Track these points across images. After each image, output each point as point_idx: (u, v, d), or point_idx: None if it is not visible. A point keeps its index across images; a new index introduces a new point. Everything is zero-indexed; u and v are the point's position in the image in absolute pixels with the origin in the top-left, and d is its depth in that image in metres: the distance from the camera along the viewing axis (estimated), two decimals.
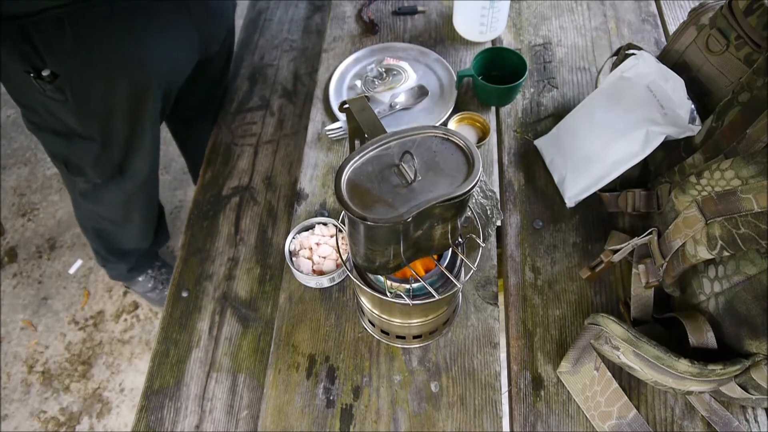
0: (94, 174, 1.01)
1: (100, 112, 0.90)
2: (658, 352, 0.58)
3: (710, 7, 0.77)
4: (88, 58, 0.80)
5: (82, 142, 0.93)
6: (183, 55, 0.94)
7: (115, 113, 0.91)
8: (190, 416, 0.79)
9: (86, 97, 0.85)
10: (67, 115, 0.88)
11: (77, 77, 0.82)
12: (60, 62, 0.79)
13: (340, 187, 0.48)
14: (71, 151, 0.96)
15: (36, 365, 1.51)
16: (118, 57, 0.83)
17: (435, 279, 0.62)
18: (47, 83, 0.81)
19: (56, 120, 0.90)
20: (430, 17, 1.11)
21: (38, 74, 0.79)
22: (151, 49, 0.86)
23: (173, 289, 0.92)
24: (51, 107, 0.87)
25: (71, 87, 0.82)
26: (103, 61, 0.82)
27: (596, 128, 0.80)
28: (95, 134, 0.93)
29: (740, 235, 0.55)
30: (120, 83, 0.87)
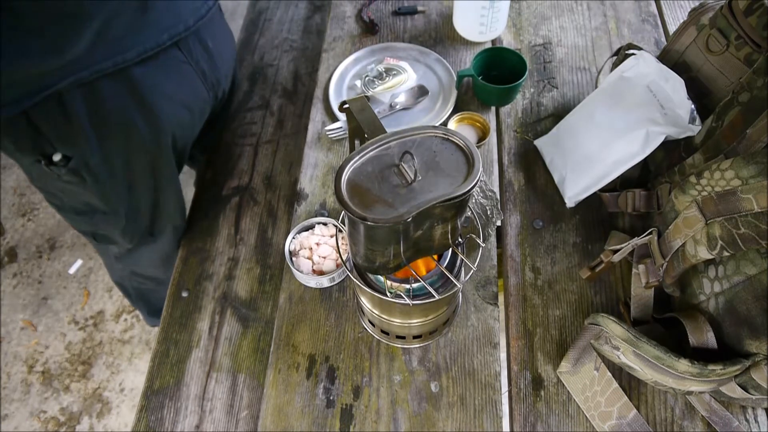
0: (124, 242, 0.97)
1: (121, 187, 0.85)
2: (658, 352, 0.58)
3: (710, 7, 0.77)
4: (100, 134, 0.75)
5: (106, 217, 0.89)
6: (196, 108, 0.89)
7: (136, 183, 0.87)
8: (190, 416, 0.79)
9: (104, 174, 0.80)
10: (87, 196, 0.84)
11: (92, 156, 0.77)
12: (71, 144, 0.74)
13: (340, 187, 0.48)
14: (97, 226, 0.92)
15: (36, 365, 1.51)
16: (132, 125, 0.78)
17: (435, 279, 0.62)
18: (61, 167, 0.76)
19: (77, 200, 0.86)
20: (430, 17, 1.11)
21: (49, 160, 0.75)
22: (164, 109, 0.80)
23: (173, 289, 0.92)
24: (69, 190, 0.83)
25: (87, 167, 0.77)
26: (117, 134, 0.77)
27: (596, 128, 0.80)
28: (119, 208, 0.88)
29: (740, 235, 0.55)
30: (137, 152, 0.82)
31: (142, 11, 0.70)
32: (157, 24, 0.73)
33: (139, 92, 0.75)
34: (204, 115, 0.94)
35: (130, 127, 0.77)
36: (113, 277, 1.26)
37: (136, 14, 0.70)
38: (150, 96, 0.76)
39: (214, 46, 0.86)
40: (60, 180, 0.79)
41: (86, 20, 0.65)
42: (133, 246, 1.00)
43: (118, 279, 1.26)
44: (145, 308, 1.35)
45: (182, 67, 0.81)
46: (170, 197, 0.95)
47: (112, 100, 0.73)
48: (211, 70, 0.87)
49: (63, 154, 0.75)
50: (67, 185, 0.81)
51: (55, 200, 0.88)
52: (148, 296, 1.29)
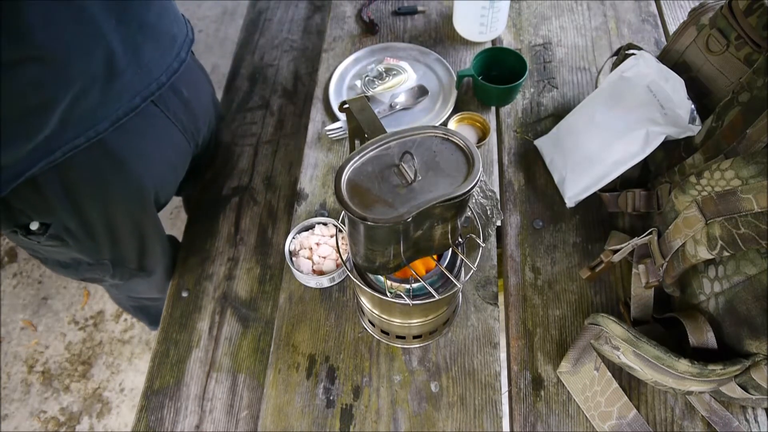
0: (114, 281, 0.95)
1: (105, 243, 0.82)
2: (658, 352, 0.58)
3: (710, 7, 0.77)
4: (78, 203, 0.71)
5: (92, 267, 0.87)
6: (176, 160, 0.86)
7: (120, 238, 0.83)
8: (190, 416, 0.79)
9: (86, 235, 0.77)
10: (70, 254, 0.81)
11: (70, 221, 0.73)
12: (46, 213, 0.70)
13: (340, 187, 0.48)
14: (84, 275, 0.89)
15: (36, 365, 1.51)
16: (110, 190, 0.74)
17: (435, 279, 0.62)
18: (40, 235, 0.72)
19: (62, 257, 0.83)
20: (430, 17, 1.11)
21: (27, 230, 0.71)
22: (142, 169, 0.76)
23: (173, 289, 0.92)
24: (52, 251, 0.80)
25: (67, 232, 0.75)
26: (95, 200, 0.73)
27: (596, 128, 0.80)
28: (105, 260, 0.86)
29: (740, 235, 0.55)
30: (118, 212, 0.78)
31: (110, 83, 0.66)
32: (127, 90, 0.68)
33: (116, 157, 0.72)
34: (185, 165, 0.90)
35: (109, 192, 0.74)
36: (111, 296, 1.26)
37: (104, 88, 0.65)
38: (127, 158, 0.73)
39: (190, 93, 0.83)
40: (40, 245, 0.76)
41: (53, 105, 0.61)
42: (123, 282, 0.98)
43: (114, 298, 1.26)
44: (146, 319, 1.35)
45: (159, 122, 0.77)
46: (155, 244, 0.92)
47: (87, 171, 0.69)
48: (189, 119, 0.84)
49: (40, 222, 0.72)
50: (49, 248, 0.78)
51: (38, 255, 0.85)
52: (148, 310, 1.29)
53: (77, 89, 0.62)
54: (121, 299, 1.23)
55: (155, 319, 1.31)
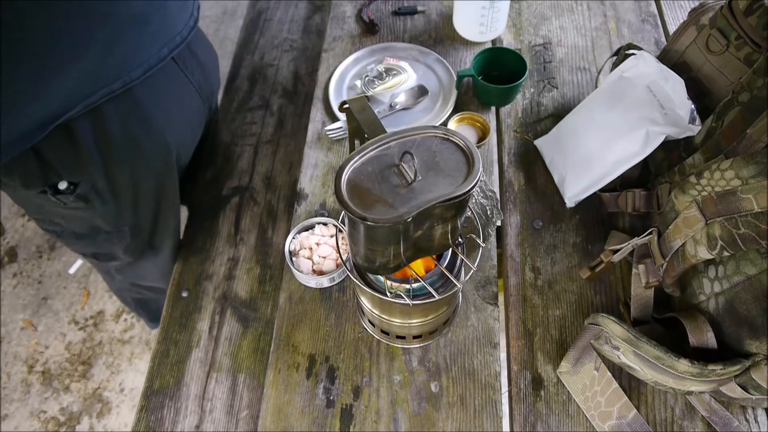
0: (125, 257, 0.97)
1: (127, 206, 0.84)
2: (658, 352, 0.58)
3: (710, 7, 0.77)
4: (108, 157, 0.74)
5: (110, 237, 0.88)
6: (194, 121, 0.90)
7: (141, 201, 0.86)
8: (190, 416, 0.79)
9: (111, 196, 0.80)
10: (92, 219, 0.83)
11: (99, 179, 0.76)
12: (78, 171, 0.73)
13: (340, 187, 0.48)
14: (99, 246, 0.91)
15: (36, 365, 1.51)
16: (137, 145, 0.77)
17: (435, 279, 0.62)
18: (68, 195, 0.75)
19: (80, 225, 0.85)
20: (430, 17, 1.11)
21: (55, 190, 0.73)
22: (166, 126, 0.80)
23: (173, 289, 0.92)
24: (73, 216, 0.82)
25: (95, 191, 0.77)
26: (124, 155, 0.76)
27: (596, 128, 0.80)
28: (124, 227, 0.88)
29: (740, 235, 0.55)
30: (144, 171, 0.81)
31: (141, 28, 0.69)
32: (156, 39, 0.72)
33: (143, 111, 0.74)
34: (201, 127, 0.93)
35: (136, 148, 0.77)
36: (112, 288, 1.25)
37: (136, 33, 0.69)
38: (153, 114, 0.76)
39: (203, 56, 0.86)
40: (65, 207, 0.78)
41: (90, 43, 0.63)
42: (134, 260, 0.99)
43: (116, 290, 1.26)
44: (146, 315, 1.35)
45: (180, 81, 0.80)
46: (170, 213, 0.94)
47: (117, 122, 0.72)
48: (203, 81, 0.87)
49: (69, 181, 0.74)
50: (73, 211, 0.80)
51: (54, 227, 0.87)
52: (149, 305, 1.29)
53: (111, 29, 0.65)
54: (123, 290, 1.22)
55: (155, 315, 1.31)
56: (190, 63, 0.82)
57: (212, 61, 0.93)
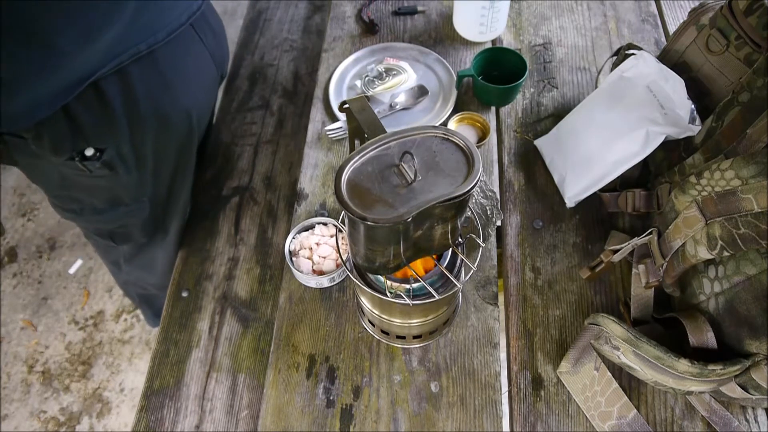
0: (140, 235, 0.98)
1: (149, 174, 0.86)
2: (658, 352, 0.58)
3: (710, 7, 0.77)
4: (133, 121, 0.77)
5: (129, 210, 0.90)
6: (209, 85, 0.92)
7: (162, 168, 0.88)
8: (190, 416, 0.79)
9: (135, 162, 0.82)
10: (114, 190, 0.85)
11: (124, 144, 0.78)
12: (105, 135, 0.75)
13: (340, 187, 0.48)
14: (119, 220, 0.92)
15: (36, 365, 1.51)
16: (160, 109, 0.79)
17: (435, 279, 0.62)
18: (94, 161, 0.76)
19: (100, 199, 0.86)
20: (430, 17, 1.11)
21: (82, 156, 0.75)
22: (186, 90, 0.83)
23: (173, 289, 0.92)
24: (95, 187, 0.83)
25: (120, 157, 0.79)
26: (147, 119, 0.78)
27: (596, 128, 0.80)
28: (144, 198, 0.89)
29: (740, 235, 0.55)
30: (166, 136, 0.83)
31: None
32: (177, 4, 0.76)
33: (164, 75, 0.77)
34: (215, 94, 0.97)
35: (158, 110, 0.79)
36: (118, 281, 1.25)
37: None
38: (173, 77, 0.79)
39: (215, 24, 0.90)
40: (90, 176, 0.79)
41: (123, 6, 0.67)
42: (146, 240, 1.00)
43: (122, 283, 1.26)
44: (150, 311, 1.35)
45: (196, 46, 0.83)
46: (184, 185, 0.97)
47: (141, 84, 0.74)
48: (216, 47, 0.90)
49: (95, 148, 0.76)
50: (97, 180, 0.81)
51: (73, 205, 0.88)
52: (153, 301, 1.29)
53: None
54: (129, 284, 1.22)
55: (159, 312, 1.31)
56: (204, 29, 0.85)
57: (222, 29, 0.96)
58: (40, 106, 0.67)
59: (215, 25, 0.90)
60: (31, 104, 0.66)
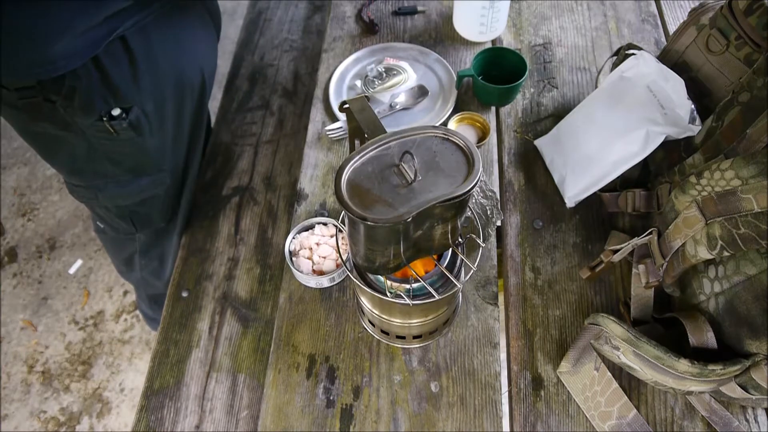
0: (159, 217, 0.99)
1: (170, 139, 0.89)
2: (658, 352, 0.58)
3: (710, 7, 0.77)
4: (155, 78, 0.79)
5: (151, 180, 0.91)
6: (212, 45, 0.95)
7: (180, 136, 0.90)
8: (190, 416, 0.79)
9: (158, 124, 0.84)
10: (138, 155, 0.86)
11: (148, 103, 0.80)
12: (132, 94, 0.78)
13: (340, 187, 0.48)
14: (141, 196, 0.92)
15: (36, 365, 1.51)
16: (177, 67, 0.83)
17: (435, 279, 0.62)
18: (121, 120, 0.78)
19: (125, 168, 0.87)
20: (430, 17, 1.11)
21: (110, 116, 0.77)
22: (195, 48, 0.87)
23: (173, 289, 0.92)
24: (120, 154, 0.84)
25: (145, 116, 0.80)
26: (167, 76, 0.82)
27: (596, 128, 0.80)
28: (165, 165, 0.91)
29: (740, 235, 0.55)
30: (183, 92, 0.87)
31: None
32: None
33: (177, 33, 0.82)
34: (216, 55, 0.99)
35: (176, 69, 0.83)
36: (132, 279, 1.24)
37: None
38: (183, 35, 0.83)
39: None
40: (117, 139, 0.80)
41: None
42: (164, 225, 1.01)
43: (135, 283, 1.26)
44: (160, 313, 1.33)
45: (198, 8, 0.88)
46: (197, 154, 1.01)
47: (159, 41, 0.78)
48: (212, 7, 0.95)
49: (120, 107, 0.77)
50: (122, 145, 0.82)
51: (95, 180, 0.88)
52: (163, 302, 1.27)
53: None
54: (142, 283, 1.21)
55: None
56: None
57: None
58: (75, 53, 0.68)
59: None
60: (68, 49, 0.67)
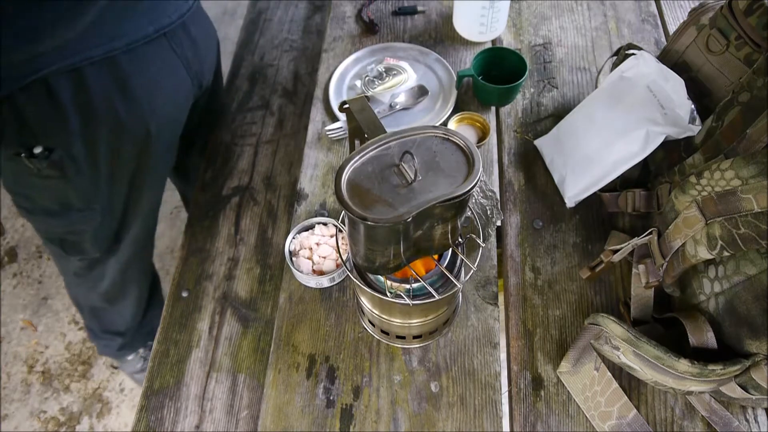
0: (92, 249, 0.96)
1: (102, 179, 0.83)
2: (658, 352, 0.58)
3: (710, 7, 0.77)
4: (85, 121, 0.74)
5: (80, 215, 0.87)
6: (179, 97, 0.89)
7: (117, 176, 0.85)
8: (190, 416, 0.79)
9: (87, 165, 0.79)
10: (65, 192, 0.82)
11: (75, 145, 0.76)
12: (55, 133, 0.74)
13: (340, 187, 0.48)
14: (68, 228, 0.90)
15: (36, 365, 1.51)
16: (116, 113, 0.77)
17: (435, 279, 0.62)
18: (42, 160, 0.74)
19: (51, 200, 0.84)
20: (430, 17, 1.11)
21: (30, 153, 0.73)
22: (147, 97, 0.80)
23: (173, 289, 0.92)
24: (45, 187, 0.81)
25: (70, 157, 0.76)
26: (102, 122, 0.76)
27: (596, 128, 0.80)
28: (96, 204, 0.86)
29: (740, 235, 0.55)
30: (122, 141, 0.81)
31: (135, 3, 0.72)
32: (144, 16, 0.74)
33: (123, 80, 0.75)
34: (188, 104, 0.93)
35: (114, 115, 0.77)
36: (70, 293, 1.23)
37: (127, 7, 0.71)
38: (135, 84, 0.77)
39: (198, 35, 0.87)
40: (38, 175, 0.77)
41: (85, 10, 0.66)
42: (99, 256, 0.98)
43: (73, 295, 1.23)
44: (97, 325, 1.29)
45: (167, 55, 0.81)
46: (148, 193, 0.94)
47: (97, 87, 0.72)
48: (195, 59, 0.87)
49: (44, 147, 0.74)
50: (45, 181, 0.79)
51: (25, 203, 0.86)
52: (101, 314, 1.24)
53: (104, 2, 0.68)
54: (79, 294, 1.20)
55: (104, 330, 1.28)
56: (182, 40, 0.82)
57: (208, 38, 0.93)
58: None
59: (199, 35, 0.87)
60: None
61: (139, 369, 1.40)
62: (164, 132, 0.88)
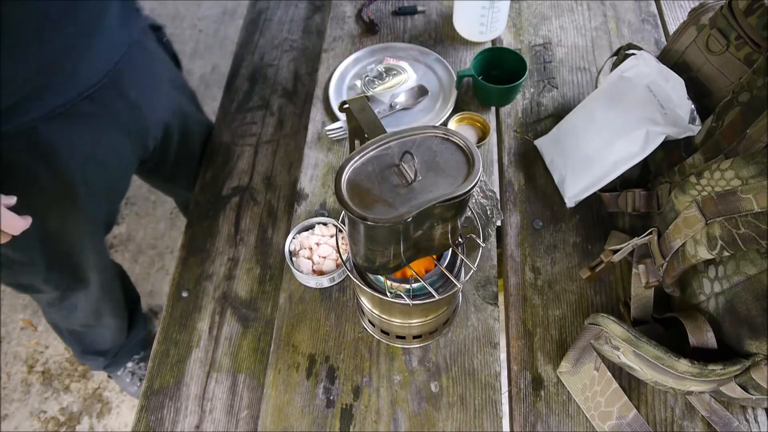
0: (49, 290, 0.93)
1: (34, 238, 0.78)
2: (658, 352, 0.58)
3: (710, 7, 0.77)
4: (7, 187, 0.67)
5: (25, 268, 0.84)
6: (116, 161, 0.83)
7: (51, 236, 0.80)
8: (190, 416, 0.79)
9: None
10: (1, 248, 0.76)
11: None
12: None
13: (340, 187, 0.48)
14: (16, 277, 0.87)
15: (36, 365, 1.51)
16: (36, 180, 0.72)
17: (435, 279, 0.62)
18: None
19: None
20: (430, 17, 1.11)
21: None
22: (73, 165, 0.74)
23: (173, 289, 0.92)
24: None
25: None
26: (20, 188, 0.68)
27: (596, 128, 0.80)
28: (36, 258, 0.82)
29: (740, 235, 0.55)
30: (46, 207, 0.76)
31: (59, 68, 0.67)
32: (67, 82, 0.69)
33: (44, 148, 0.70)
34: (130, 166, 0.88)
35: (34, 183, 0.72)
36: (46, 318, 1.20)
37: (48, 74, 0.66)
38: (57, 152, 0.72)
39: (138, 92, 0.80)
40: None
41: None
42: (61, 292, 0.96)
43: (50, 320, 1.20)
44: (78, 347, 1.26)
45: (96, 121, 0.75)
46: (90, 253, 0.90)
47: (12, 155, 0.68)
48: (133, 119, 0.81)
49: None
50: None
51: None
52: (81, 336, 1.22)
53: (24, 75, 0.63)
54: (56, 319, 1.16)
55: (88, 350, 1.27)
56: (112, 102, 0.76)
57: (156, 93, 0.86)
58: None
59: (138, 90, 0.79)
60: None
61: (128, 383, 1.40)
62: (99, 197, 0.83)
